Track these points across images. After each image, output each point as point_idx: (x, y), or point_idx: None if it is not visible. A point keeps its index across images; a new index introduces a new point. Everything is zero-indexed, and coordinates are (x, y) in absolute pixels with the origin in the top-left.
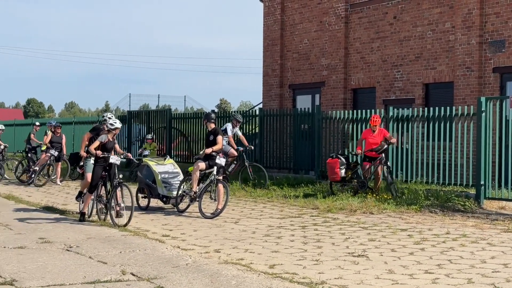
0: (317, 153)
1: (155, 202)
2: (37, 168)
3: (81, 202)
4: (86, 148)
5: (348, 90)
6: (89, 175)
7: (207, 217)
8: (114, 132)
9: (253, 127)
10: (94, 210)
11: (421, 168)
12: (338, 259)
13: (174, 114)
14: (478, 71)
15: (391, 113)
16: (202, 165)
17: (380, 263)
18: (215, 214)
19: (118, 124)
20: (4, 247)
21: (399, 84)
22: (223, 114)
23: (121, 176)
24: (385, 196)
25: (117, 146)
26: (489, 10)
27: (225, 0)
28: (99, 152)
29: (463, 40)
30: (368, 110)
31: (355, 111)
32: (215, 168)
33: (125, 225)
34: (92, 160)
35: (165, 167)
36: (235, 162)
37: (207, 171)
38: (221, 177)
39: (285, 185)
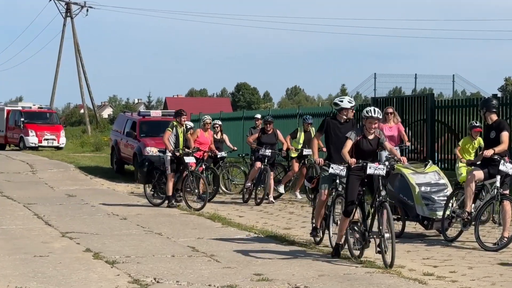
0: None
1: (412, 227)
2: (249, 183)
3: (317, 233)
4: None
5: None
6: (323, 192)
7: (487, 249)
8: (374, 124)
9: None
10: (325, 235)
11: None
12: None
13: (438, 101)
14: None
15: None
16: (479, 173)
17: None
18: (500, 245)
19: (376, 113)
20: (209, 285)
21: None
22: (510, 101)
23: (383, 193)
24: None
25: (387, 145)
26: None
27: None
28: (352, 161)
29: None
30: None
31: None
32: (498, 177)
33: (390, 265)
34: (331, 169)
35: (426, 177)
36: None
37: (486, 182)
38: (507, 191)
39: None
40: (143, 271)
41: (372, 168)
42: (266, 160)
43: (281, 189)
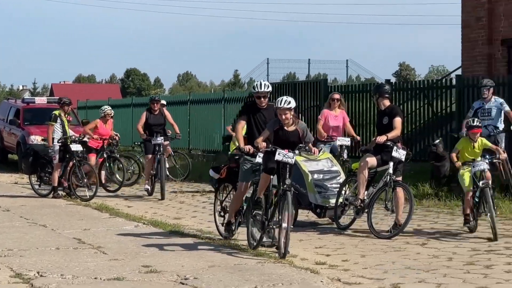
0: None
1: (304, 215)
2: (147, 185)
3: (232, 229)
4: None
5: None
6: (244, 186)
7: (381, 237)
8: (285, 114)
9: (448, 104)
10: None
11: None
12: None
13: (331, 86)
14: None
15: None
16: (372, 160)
17: None
18: (392, 233)
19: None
20: (95, 278)
21: None
22: (405, 86)
23: (287, 181)
24: None
25: (310, 146)
26: None
27: None
28: (262, 144)
29: None
30: None
31: None
32: (391, 164)
33: (283, 256)
34: (258, 158)
35: (319, 164)
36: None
37: (379, 168)
38: (400, 178)
39: (497, 189)
40: (26, 265)
41: (281, 155)
42: (161, 149)
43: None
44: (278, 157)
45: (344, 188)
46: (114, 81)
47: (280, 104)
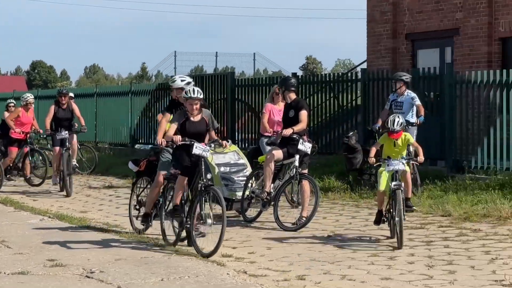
0: (449, 134)
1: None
2: (56, 178)
3: (149, 221)
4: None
5: (494, 41)
6: (162, 176)
7: (287, 229)
8: (195, 105)
9: (354, 98)
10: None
11: None
12: None
13: (238, 79)
14: None
15: None
16: (278, 153)
17: None
18: (298, 225)
19: (196, 93)
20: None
21: None
22: (312, 80)
23: (209, 176)
24: None
25: (212, 134)
26: None
27: None
28: (177, 138)
29: None
30: None
31: (505, 71)
32: (297, 157)
33: (211, 253)
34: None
35: (226, 157)
36: None
37: (285, 161)
38: (306, 171)
39: None
40: None
41: (199, 149)
42: (66, 143)
43: None
44: (196, 151)
45: (250, 181)
46: (19, 73)
47: (194, 94)
